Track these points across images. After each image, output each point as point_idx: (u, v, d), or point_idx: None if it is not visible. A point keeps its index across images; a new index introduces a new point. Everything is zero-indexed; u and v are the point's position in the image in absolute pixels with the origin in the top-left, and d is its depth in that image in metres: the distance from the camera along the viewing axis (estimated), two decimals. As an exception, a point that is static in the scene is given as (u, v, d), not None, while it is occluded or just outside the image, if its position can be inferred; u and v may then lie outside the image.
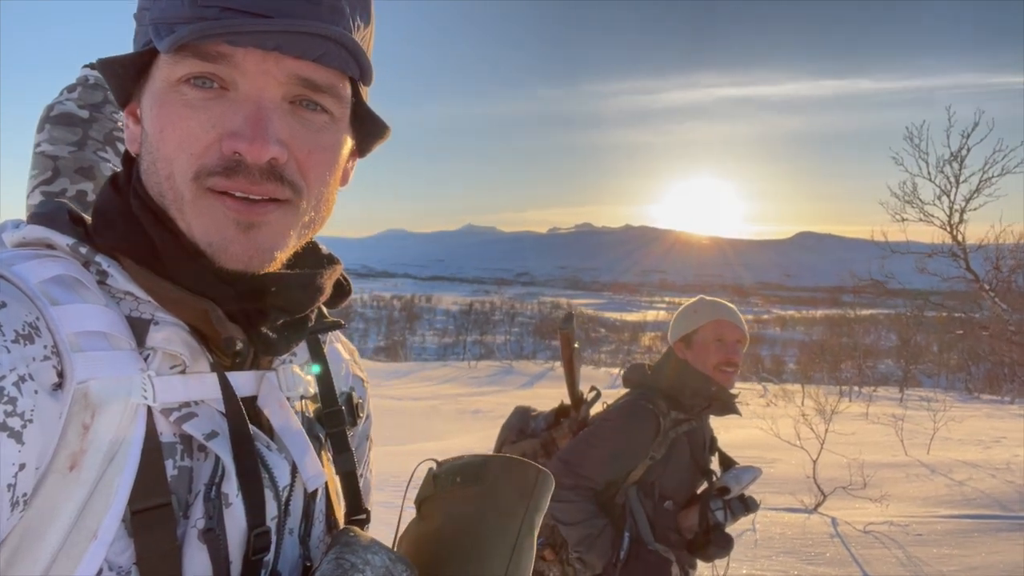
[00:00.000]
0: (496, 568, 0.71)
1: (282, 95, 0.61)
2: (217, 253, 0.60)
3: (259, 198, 0.60)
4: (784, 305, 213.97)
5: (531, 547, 0.75)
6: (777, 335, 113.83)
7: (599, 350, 65.15)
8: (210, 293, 0.62)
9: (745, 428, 12.82)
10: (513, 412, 2.44)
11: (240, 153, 0.58)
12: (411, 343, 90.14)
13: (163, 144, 0.60)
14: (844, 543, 5.87)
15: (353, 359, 0.87)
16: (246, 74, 0.59)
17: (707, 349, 2.27)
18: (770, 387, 23.95)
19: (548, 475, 0.77)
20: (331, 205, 0.69)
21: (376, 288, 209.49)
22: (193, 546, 0.58)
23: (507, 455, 0.78)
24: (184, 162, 0.59)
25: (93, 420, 0.55)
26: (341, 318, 0.79)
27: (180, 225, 0.61)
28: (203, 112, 0.59)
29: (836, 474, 8.45)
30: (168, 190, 0.61)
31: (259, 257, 0.61)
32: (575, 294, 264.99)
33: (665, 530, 2.19)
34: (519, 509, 0.74)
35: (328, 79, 0.62)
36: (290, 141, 0.61)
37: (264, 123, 0.59)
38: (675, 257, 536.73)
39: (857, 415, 16.12)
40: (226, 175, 0.59)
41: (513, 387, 27.31)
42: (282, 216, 0.62)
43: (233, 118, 0.59)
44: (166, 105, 0.60)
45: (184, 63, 0.58)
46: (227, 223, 0.60)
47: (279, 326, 0.67)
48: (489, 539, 0.72)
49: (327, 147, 0.64)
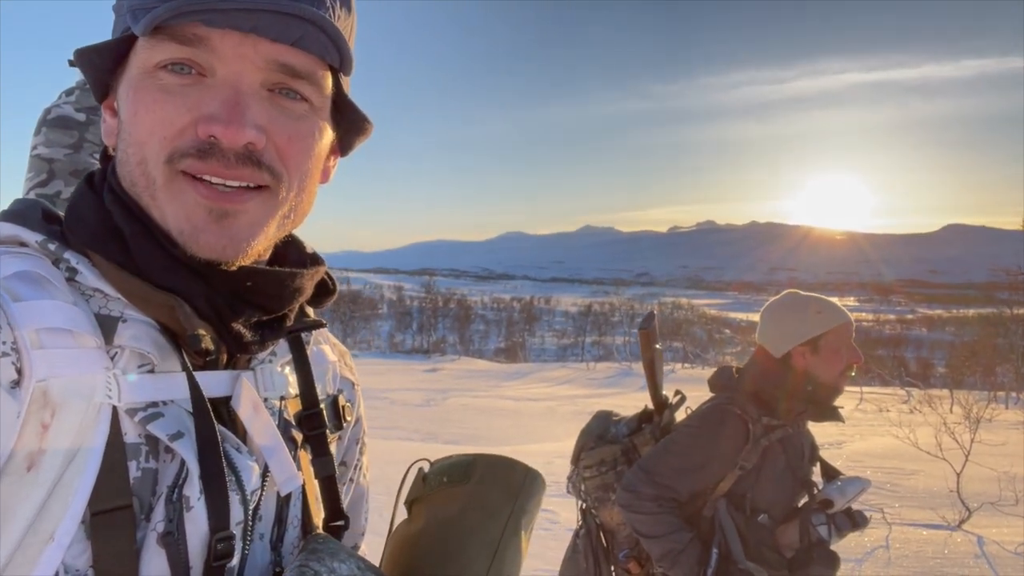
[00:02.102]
0: (477, 569, 0.67)
1: (260, 81, 0.59)
2: (188, 241, 0.59)
3: (235, 184, 0.59)
4: (931, 304, 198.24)
5: (517, 549, 0.71)
6: (923, 336, 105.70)
7: (723, 352, 62.89)
8: (180, 288, 0.60)
9: (882, 436, 11.93)
10: (594, 416, 2.35)
11: (216, 137, 0.57)
12: (530, 344, 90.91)
13: (136, 128, 0.60)
14: (990, 564, 5.29)
15: (343, 361, 0.84)
16: (223, 58, 0.58)
17: (839, 354, 2.07)
18: (915, 392, 22.17)
19: (537, 475, 0.74)
20: (311, 198, 0.67)
21: (496, 290, 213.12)
22: (151, 550, 0.56)
23: (496, 454, 0.75)
24: (157, 145, 0.59)
25: (53, 419, 0.54)
26: (457, 320, 0.77)
27: (154, 213, 0.60)
28: (179, 97, 0.58)
29: (984, 488, 7.66)
30: (140, 176, 0.60)
31: (232, 247, 0.60)
32: (697, 294, 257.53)
33: (759, 547, 2.02)
34: (504, 509, 0.71)
35: (307, 65, 0.60)
36: (268, 127, 0.59)
37: (241, 107, 0.58)
38: (805, 254, 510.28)
39: (1013, 423, 14.58)
40: (199, 157, 0.58)
41: (631, 389, 26.84)
42: (260, 204, 0.61)
43: (210, 102, 0.58)
44: (141, 90, 0.59)
45: (161, 47, 0.58)
46: (199, 210, 0.58)
47: (254, 324, 0.65)
48: (471, 540, 0.69)
49: (306, 135, 0.63)
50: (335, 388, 0.81)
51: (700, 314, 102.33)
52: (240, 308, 0.63)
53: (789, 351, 2.10)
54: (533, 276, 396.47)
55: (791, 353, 2.10)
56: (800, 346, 2.09)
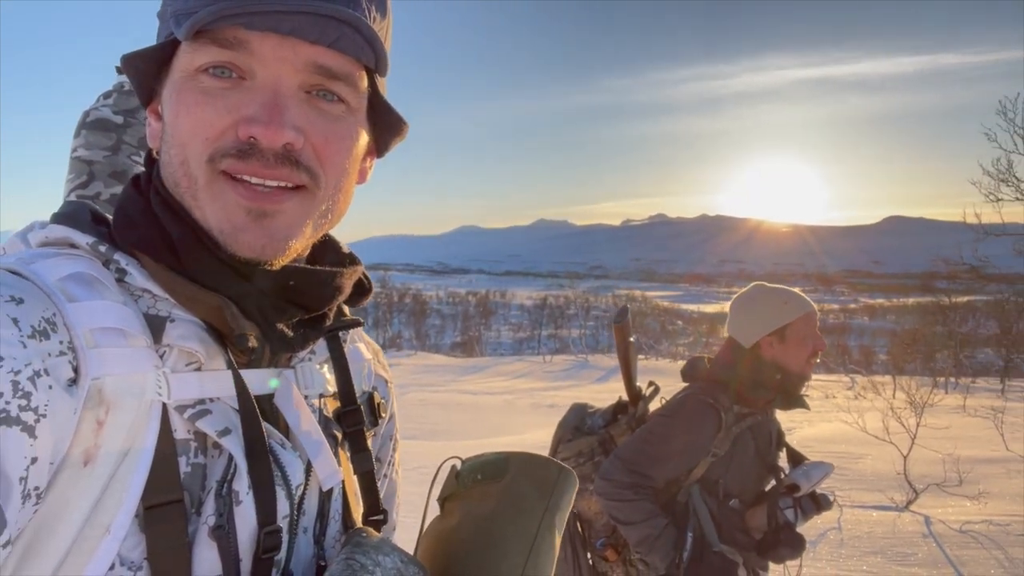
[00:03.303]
0: (513, 567, 0.69)
1: (299, 83, 0.61)
2: (229, 241, 0.61)
3: (273, 184, 0.61)
4: (873, 293, 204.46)
5: (551, 546, 0.72)
6: (866, 324, 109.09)
7: (676, 343, 63.89)
8: (226, 289, 0.62)
9: (831, 422, 12.32)
10: (570, 409, 2.40)
11: (255, 137, 0.59)
12: (486, 338, 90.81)
13: (178, 130, 0.61)
14: (938, 543, 5.54)
15: (377, 359, 0.86)
16: (263, 61, 0.60)
17: (804, 342, 2.16)
18: (858, 379, 22.93)
19: (570, 473, 0.75)
20: (348, 199, 0.69)
21: (451, 284, 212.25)
22: (203, 543, 0.58)
23: (528, 452, 0.77)
24: (199, 146, 0.60)
25: (107, 416, 0.56)
26: (412, 315, 0.79)
27: (195, 214, 0.62)
28: (220, 99, 0.60)
29: (929, 470, 8.00)
30: (183, 177, 0.62)
31: (272, 246, 0.62)
32: (650, 286, 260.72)
33: (731, 530, 2.11)
34: (538, 507, 0.73)
35: (344, 67, 0.62)
36: (307, 128, 0.61)
37: (280, 108, 0.60)
38: (753, 246, 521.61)
39: (953, 408, 15.22)
40: (240, 157, 0.59)
41: (588, 381, 27.12)
42: (297, 204, 0.63)
43: (250, 104, 0.60)
44: (183, 92, 0.61)
45: (203, 51, 0.60)
46: (238, 210, 0.60)
47: (296, 323, 0.68)
48: (507, 537, 0.70)
49: (344, 136, 0.65)
50: (370, 385, 0.83)
51: (653, 306, 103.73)
52: (284, 308, 0.65)
53: (758, 341, 2.19)
54: (488, 270, 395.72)
55: (760, 343, 2.19)
56: (768, 336, 2.18)
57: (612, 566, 2.20)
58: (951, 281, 26.17)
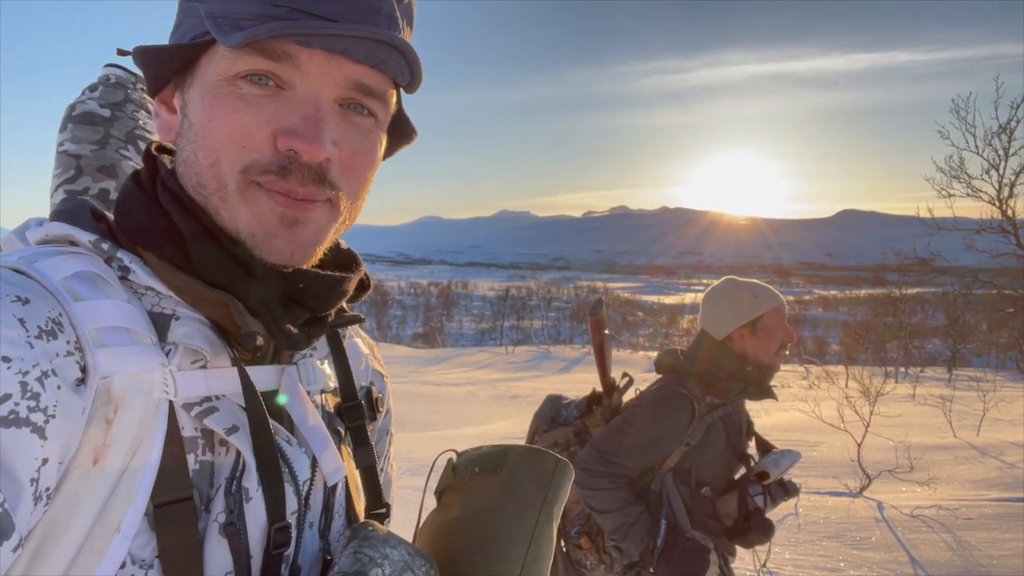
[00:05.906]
0: (514, 558, 0.70)
1: (335, 97, 0.61)
2: (259, 245, 0.61)
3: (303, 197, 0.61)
4: (826, 285, 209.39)
5: (550, 538, 0.74)
6: (819, 316, 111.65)
7: (637, 334, 64.66)
8: (235, 287, 0.62)
9: (787, 411, 12.63)
10: (545, 400, 2.42)
11: (296, 152, 0.59)
12: (448, 329, 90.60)
13: (211, 133, 0.60)
14: (890, 527, 5.75)
15: (373, 354, 0.87)
16: (307, 75, 0.59)
17: (774, 334, 2.22)
18: (813, 369, 23.54)
19: (567, 465, 0.77)
20: (362, 205, 0.70)
21: (413, 275, 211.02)
22: (214, 540, 0.58)
23: (526, 445, 0.77)
24: (233, 153, 0.60)
25: (116, 415, 0.55)
26: (374, 306, 0.79)
27: (222, 214, 0.61)
28: (257, 108, 0.59)
29: (882, 457, 8.29)
30: (211, 179, 0.61)
31: (300, 252, 0.62)
32: (611, 278, 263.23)
33: (703, 517, 2.16)
34: (537, 499, 0.74)
35: (381, 85, 0.63)
36: (340, 141, 0.62)
37: (322, 124, 0.59)
38: (712, 238, 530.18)
39: (904, 397, 15.76)
40: (281, 175, 0.59)
41: (551, 372, 27.31)
42: (325, 213, 0.63)
43: (290, 116, 0.59)
44: (220, 96, 0.60)
45: (245, 59, 0.59)
46: (272, 216, 0.60)
47: (300, 322, 0.67)
48: (507, 529, 0.71)
49: (369, 148, 0.65)
50: (368, 380, 0.83)
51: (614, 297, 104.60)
52: (290, 308, 0.65)
53: (729, 334, 2.24)
54: (450, 261, 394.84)
55: (731, 336, 2.24)
56: (739, 328, 2.23)
57: (586, 553, 2.24)
58: (901, 274, 26.93)
